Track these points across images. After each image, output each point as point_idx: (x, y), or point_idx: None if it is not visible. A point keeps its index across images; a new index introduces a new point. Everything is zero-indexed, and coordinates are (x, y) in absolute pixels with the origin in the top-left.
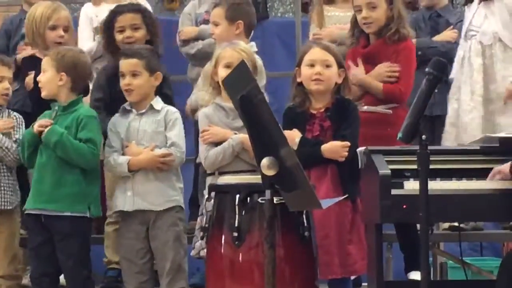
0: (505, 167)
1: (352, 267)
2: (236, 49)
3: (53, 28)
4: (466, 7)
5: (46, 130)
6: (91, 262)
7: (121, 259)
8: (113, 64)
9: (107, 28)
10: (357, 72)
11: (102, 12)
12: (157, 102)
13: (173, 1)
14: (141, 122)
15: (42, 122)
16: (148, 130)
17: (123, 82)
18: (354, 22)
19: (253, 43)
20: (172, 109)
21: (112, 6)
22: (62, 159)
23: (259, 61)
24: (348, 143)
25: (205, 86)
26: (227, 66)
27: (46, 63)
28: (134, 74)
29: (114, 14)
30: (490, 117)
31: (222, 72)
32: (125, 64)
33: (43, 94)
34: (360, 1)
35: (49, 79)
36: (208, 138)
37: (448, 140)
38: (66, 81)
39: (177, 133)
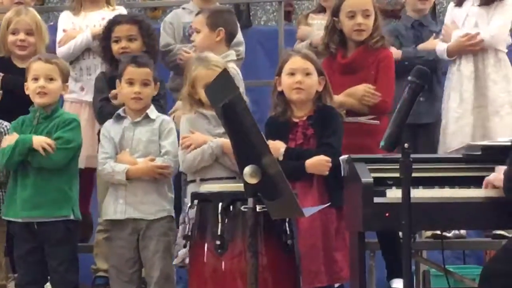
0: (493, 178)
1: (338, 274)
2: (209, 67)
3: (14, 32)
4: (455, 8)
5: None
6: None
7: (110, 267)
8: (111, 71)
9: (104, 37)
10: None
11: (80, 20)
12: (152, 111)
13: (156, 9)
14: (135, 130)
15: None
16: (143, 139)
17: (133, 90)
18: (332, 29)
19: (231, 51)
20: (167, 118)
21: (90, 15)
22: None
23: (232, 69)
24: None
25: (184, 105)
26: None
27: (55, 73)
28: (145, 83)
29: (111, 24)
30: (482, 122)
31: (203, 92)
32: (137, 73)
33: (49, 100)
34: (355, 7)
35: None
36: (188, 145)
37: (442, 150)
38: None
39: (171, 142)
